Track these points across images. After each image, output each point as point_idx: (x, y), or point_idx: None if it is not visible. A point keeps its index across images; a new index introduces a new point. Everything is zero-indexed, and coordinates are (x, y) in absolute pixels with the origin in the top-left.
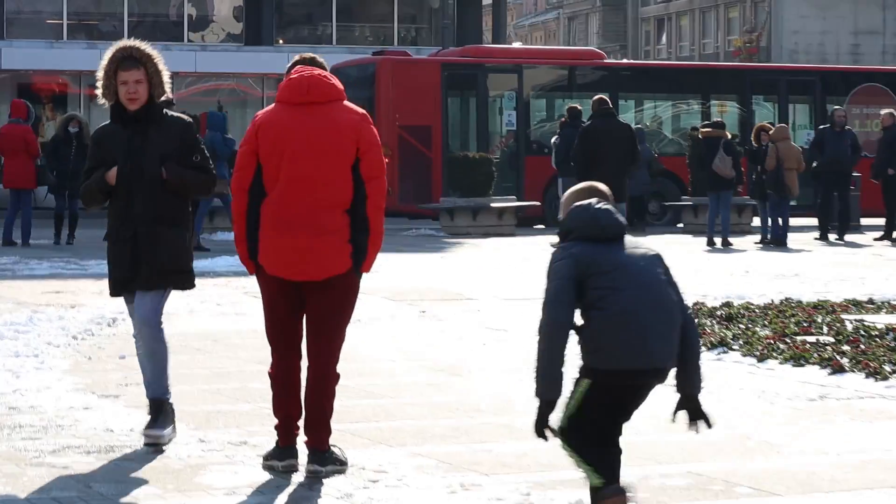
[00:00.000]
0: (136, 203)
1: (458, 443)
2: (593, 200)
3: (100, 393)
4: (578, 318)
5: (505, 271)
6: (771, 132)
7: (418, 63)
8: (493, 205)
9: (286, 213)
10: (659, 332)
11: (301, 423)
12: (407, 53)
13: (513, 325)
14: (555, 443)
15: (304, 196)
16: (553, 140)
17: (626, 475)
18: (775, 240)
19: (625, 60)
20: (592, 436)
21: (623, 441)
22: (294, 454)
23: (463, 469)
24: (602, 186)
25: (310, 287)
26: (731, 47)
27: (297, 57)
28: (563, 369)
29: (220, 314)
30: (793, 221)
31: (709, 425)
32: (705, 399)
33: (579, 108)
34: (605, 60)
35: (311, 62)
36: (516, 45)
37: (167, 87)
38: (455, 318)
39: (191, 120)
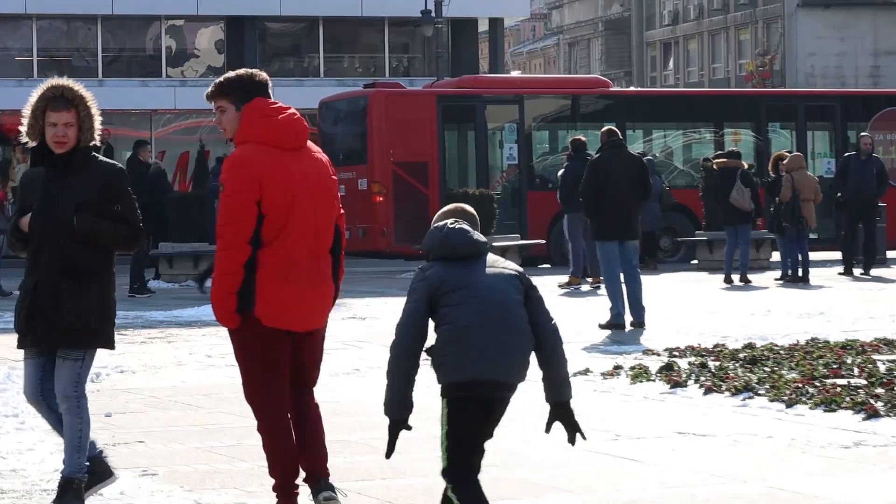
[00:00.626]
0: (42, 253)
1: None
2: (449, 221)
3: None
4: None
5: None
6: (785, 161)
7: (412, 95)
8: (495, 244)
9: (296, 262)
10: (502, 345)
11: (299, 480)
12: (400, 85)
13: None
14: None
15: (310, 244)
16: (559, 174)
17: None
18: (796, 276)
19: (632, 88)
20: (465, 465)
21: (655, 493)
22: None
23: None
24: (468, 208)
25: (301, 335)
26: (743, 72)
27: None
28: (412, 391)
29: (210, 366)
30: (815, 256)
31: (584, 437)
32: (732, 447)
33: (583, 139)
34: (611, 88)
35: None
36: (515, 73)
37: (97, 132)
38: None
39: (121, 167)
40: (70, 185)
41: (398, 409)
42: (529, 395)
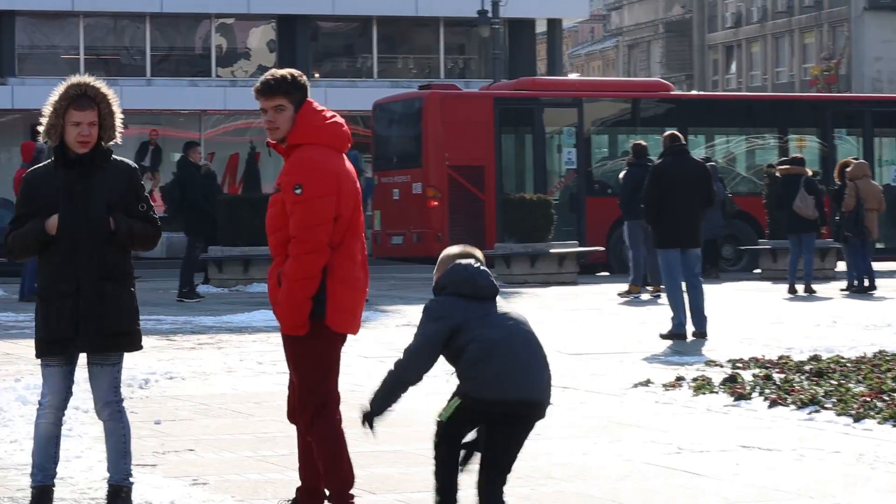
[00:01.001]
0: (80, 256)
1: None
2: (471, 261)
3: (134, 462)
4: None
5: (568, 323)
6: (849, 169)
7: (469, 97)
8: (552, 251)
9: (356, 266)
10: (532, 362)
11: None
12: (456, 87)
13: (582, 383)
14: None
15: (362, 247)
16: (620, 176)
17: None
18: (862, 287)
19: (693, 92)
20: (452, 456)
21: None
22: None
23: None
24: (478, 252)
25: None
26: (808, 76)
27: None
28: (399, 399)
29: (261, 373)
30: (882, 266)
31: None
32: (797, 462)
33: (644, 144)
34: (673, 92)
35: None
36: (573, 76)
37: (119, 130)
38: None
39: (135, 165)
40: (99, 186)
41: (383, 408)
42: (587, 409)
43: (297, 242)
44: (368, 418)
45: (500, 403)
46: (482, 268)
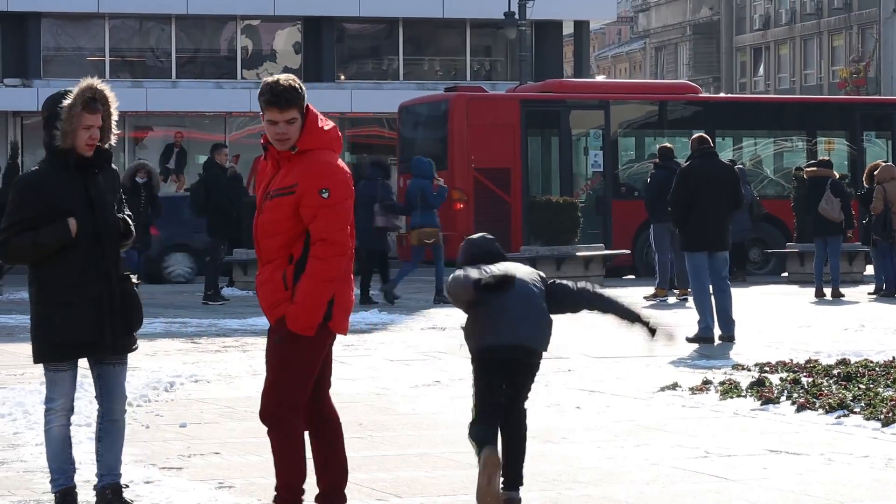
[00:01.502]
0: (104, 258)
1: None
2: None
3: (161, 465)
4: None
5: (595, 326)
6: (876, 172)
7: (495, 99)
8: (578, 254)
9: (350, 265)
10: (523, 319)
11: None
12: (482, 89)
13: (609, 387)
14: None
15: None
16: (650, 176)
17: None
18: (891, 290)
19: (721, 94)
20: (486, 419)
21: None
22: None
23: None
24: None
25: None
26: (837, 78)
27: None
28: None
29: None
30: None
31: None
32: (826, 467)
33: (671, 147)
34: (700, 94)
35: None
36: (600, 78)
37: (114, 132)
38: (545, 378)
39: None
40: (105, 188)
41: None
42: (613, 413)
43: (328, 245)
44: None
45: (492, 349)
46: (483, 237)
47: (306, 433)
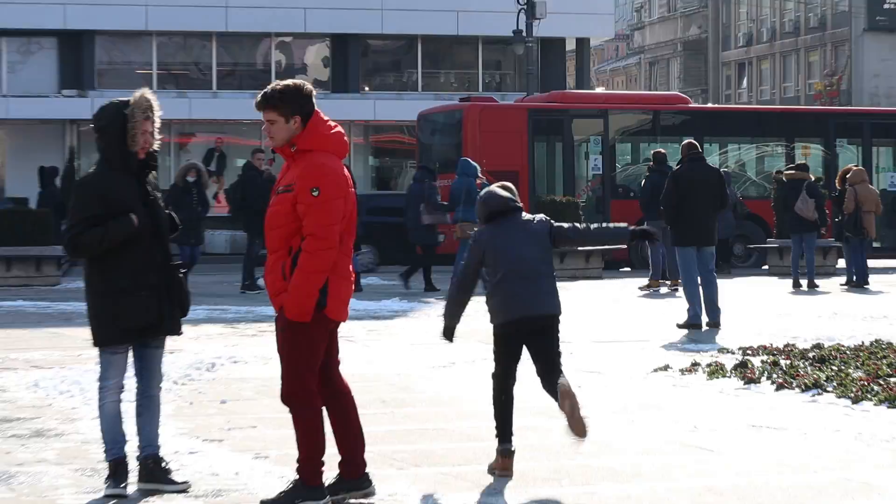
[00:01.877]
0: (160, 250)
1: (559, 486)
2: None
3: (203, 437)
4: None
5: (595, 314)
6: (848, 176)
7: (505, 109)
8: (579, 248)
9: (349, 260)
10: (531, 290)
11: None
12: (493, 99)
13: (607, 368)
14: None
15: (351, 241)
16: (644, 180)
17: None
18: (857, 281)
19: (709, 104)
20: (503, 382)
21: (730, 482)
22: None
23: None
24: (508, 184)
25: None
26: (812, 91)
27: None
28: (461, 314)
29: None
30: (879, 263)
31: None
32: (802, 440)
33: (664, 152)
34: (690, 105)
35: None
36: (599, 90)
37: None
38: None
39: None
40: (150, 187)
41: (451, 322)
42: (611, 392)
43: (315, 239)
44: (445, 333)
45: (509, 324)
46: (496, 191)
47: (324, 409)
